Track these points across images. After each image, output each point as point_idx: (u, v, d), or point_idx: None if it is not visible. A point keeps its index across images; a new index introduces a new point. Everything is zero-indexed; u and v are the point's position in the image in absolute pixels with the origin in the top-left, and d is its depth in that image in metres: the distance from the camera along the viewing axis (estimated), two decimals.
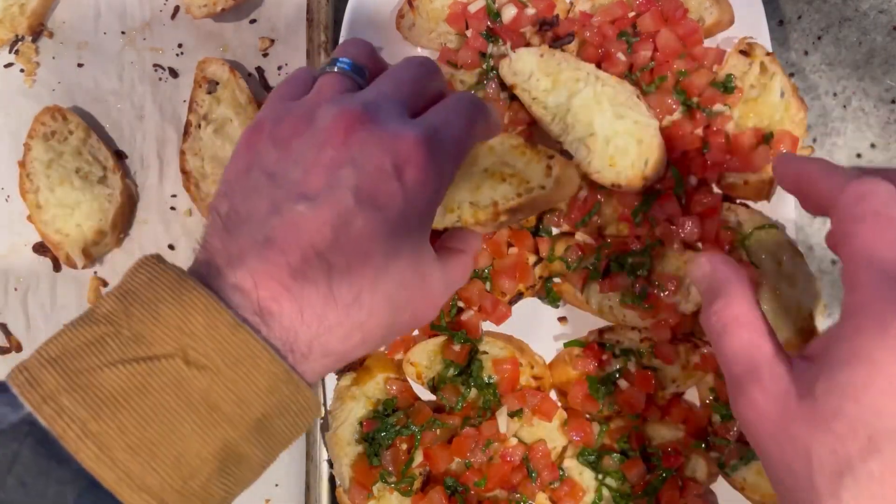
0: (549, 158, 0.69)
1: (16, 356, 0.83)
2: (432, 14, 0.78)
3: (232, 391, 0.41)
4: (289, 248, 0.43)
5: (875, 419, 0.40)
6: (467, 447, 0.72)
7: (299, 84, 0.53)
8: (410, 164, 0.46)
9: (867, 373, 0.40)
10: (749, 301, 0.49)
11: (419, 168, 0.47)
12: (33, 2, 0.85)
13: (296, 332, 0.43)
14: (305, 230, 0.44)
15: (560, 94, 0.74)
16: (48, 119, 0.83)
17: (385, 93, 0.50)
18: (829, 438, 0.41)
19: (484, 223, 0.69)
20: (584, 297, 0.75)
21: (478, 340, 0.75)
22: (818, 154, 0.82)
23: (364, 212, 0.45)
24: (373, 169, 0.45)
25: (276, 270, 0.43)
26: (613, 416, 0.75)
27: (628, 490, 0.73)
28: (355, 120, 0.47)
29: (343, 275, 0.44)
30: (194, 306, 0.41)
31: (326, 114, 0.47)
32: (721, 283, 0.50)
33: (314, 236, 0.44)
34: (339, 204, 0.44)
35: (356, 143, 0.46)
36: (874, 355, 0.40)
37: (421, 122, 0.49)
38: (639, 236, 0.74)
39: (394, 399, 0.75)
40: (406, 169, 0.46)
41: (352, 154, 0.46)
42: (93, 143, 0.83)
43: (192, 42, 0.87)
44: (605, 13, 0.76)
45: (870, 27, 0.83)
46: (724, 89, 0.74)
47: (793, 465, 0.42)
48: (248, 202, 0.46)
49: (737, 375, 0.47)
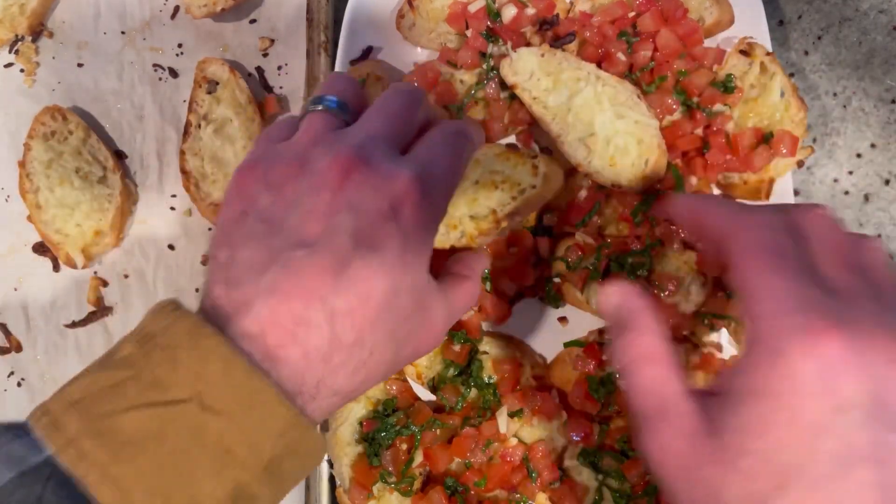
0: (533, 158, 0.71)
1: (15, 356, 0.83)
2: (432, 14, 0.78)
3: (245, 435, 0.42)
4: (292, 296, 0.44)
5: (781, 454, 0.39)
6: (467, 447, 0.72)
7: (286, 127, 0.54)
8: (406, 204, 0.47)
9: (769, 407, 0.40)
10: (658, 335, 0.49)
11: (414, 206, 0.48)
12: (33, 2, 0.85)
13: (303, 375, 0.44)
14: (307, 277, 0.44)
15: (560, 93, 0.74)
16: (48, 119, 0.83)
17: (375, 131, 0.51)
18: (738, 478, 0.40)
19: (487, 232, 0.70)
20: (584, 297, 0.75)
21: (478, 340, 0.75)
22: (819, 154, 0.82)
23: (362, 255, 0.45)
24: (369, 212, 0.46)
25: (281, 317, 0.44)
26: (613, 416, 0.75)
27: (628, 490, 0.73)
28: (349, 164, 0.47)
29: (345, 317, 0.45)
30: (211, 353, 0.42)
31: (320, 158, 0.48)
32: (630, 315, 0.50)
33: (315, 282, 0.44)
34: (339, 250, 0.45)
35: (352, 187, 0.47)
36: (774, 388, 0.40)
37: (412, 159, 0.50)
38: (639, 236, 0.74)
39: (394, 399, 0.75)
40: (402, 209, 0.47)
41: (348, 198, 0.47)
42: (92, 143, 0.83)
43: (192, 42, 0.87)
44: (605, 13, 0.76)
45: (870, 27, 0.83)
46: (724, 89, 0.74)
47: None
48: (247, 250, 0.46)
49: (645, 412, 0.47)
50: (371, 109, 0.53)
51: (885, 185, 0.82)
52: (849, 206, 0.82)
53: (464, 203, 0.72)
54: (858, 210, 0.82)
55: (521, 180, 0.71)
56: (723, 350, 0.76)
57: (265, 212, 0.48)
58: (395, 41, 0.81)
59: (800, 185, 0.82)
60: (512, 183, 0.71)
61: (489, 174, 0.72)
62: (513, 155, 0.72)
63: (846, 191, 0.82)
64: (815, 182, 0.82)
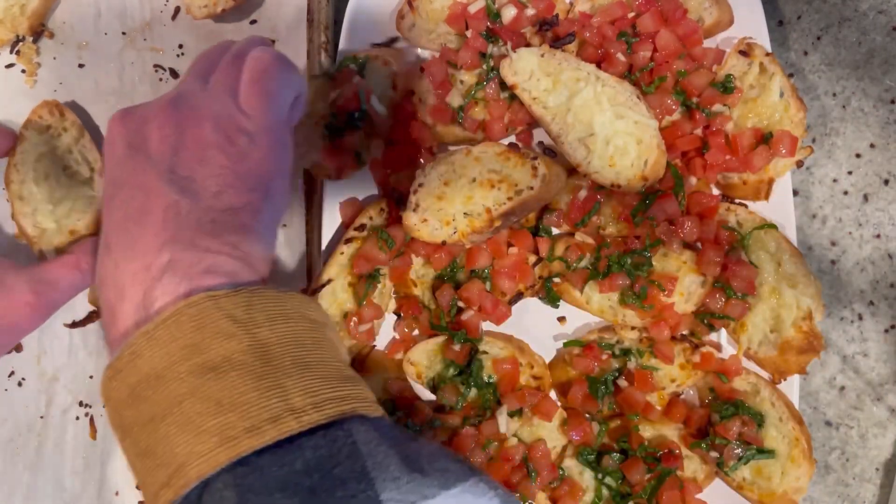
0: (533, 159, 0.71)
1: (16, 356, 0.83)
2: (432, 14, 0.79)
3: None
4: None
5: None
6: (467, 447, 0.72)
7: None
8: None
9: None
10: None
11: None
12: (34, 2, 0.85)
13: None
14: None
15: (560, 94, 0.74)
16: (45, 113, 0.82)
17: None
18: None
19: (480, 230, 0.70)
20: (584, 297, 0.75)
21: (478, 340, 0.75)
22: (818, 154, 0.83)
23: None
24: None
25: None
26: (613, 416, 0.76)
27: (628, 490, 0.73)
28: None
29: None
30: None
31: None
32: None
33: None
34: None
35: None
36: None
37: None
38: (638, 236, 0.74)
39: (394, 399, 0.76)
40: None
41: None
42: (85, 143, 0.83)
43: (193, 43, 0.87)
44: (605, 13, 0.76)
45: (869, 27, 0.83)
46: (724, 89, 0.75)
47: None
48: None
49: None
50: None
51: (884, 184, 0.82)
52: (848, 206, 0.82)
53: (459, 200, 0.72)
54: (857, 210, 0.82)
55: (519, 181, 0.71)
56: (722, 350, 0.76)
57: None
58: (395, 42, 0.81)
59: (799, 185, 0.82)
60: (510, 183, 0.71)
61: (487, 172, 0.72)
62: (513, 155, 0.72)
63: (845, 191, 0.82)
64: (814, 182, 0.82)
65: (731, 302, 0.73)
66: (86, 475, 0.81)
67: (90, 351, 0.83)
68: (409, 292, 0.77)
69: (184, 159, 0.57)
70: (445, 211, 0.72)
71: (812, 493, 0.80)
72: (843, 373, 0.81)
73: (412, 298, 0.77)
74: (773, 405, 0.72)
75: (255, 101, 0.60)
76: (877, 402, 0.80)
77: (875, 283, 0.81)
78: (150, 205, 0.55)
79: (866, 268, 0.81)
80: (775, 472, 0.71)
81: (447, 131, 0.78)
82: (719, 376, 0.73)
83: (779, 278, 0.73)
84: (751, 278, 0.72)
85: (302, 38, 0.84)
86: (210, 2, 0.83)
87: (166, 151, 0.57)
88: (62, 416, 0.82)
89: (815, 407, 0.81)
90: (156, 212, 0.55)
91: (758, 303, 0.73)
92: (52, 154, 0.82)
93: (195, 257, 0.54)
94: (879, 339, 0.81)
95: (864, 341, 0.81)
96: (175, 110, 0.59)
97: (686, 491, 0.72)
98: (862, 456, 0.80)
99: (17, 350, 0.83)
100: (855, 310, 0.81)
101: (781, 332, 0.72)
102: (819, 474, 0.80)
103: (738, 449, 0.71)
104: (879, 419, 0.80)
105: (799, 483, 0.71)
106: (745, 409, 0.72)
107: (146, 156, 0.57)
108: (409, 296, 0.77)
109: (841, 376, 0.81)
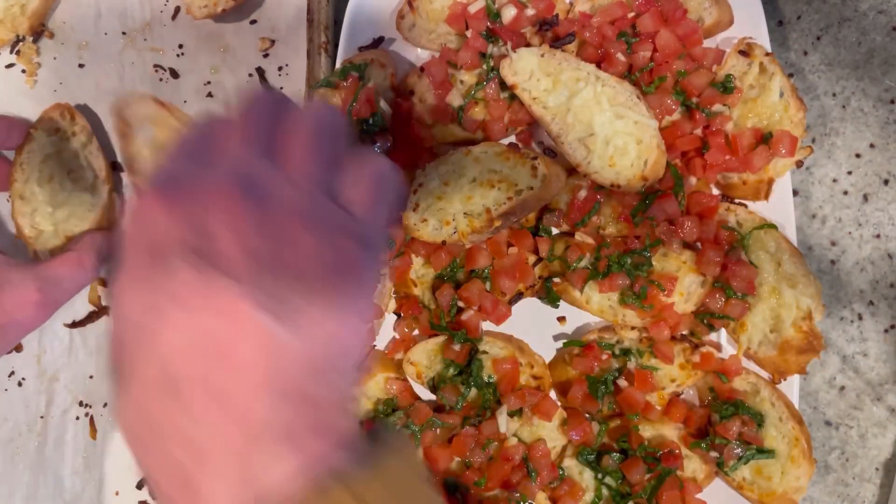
0: (533, 159, 0.71)
1: (16, 356, 0.83)
2: (432, 14, 0.79)
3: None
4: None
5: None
6: (467, 447, 0.72)
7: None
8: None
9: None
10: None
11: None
12: (34, 2, 0.85)
13: None
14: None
15: (560, 94, 0.74)
16: (56, 115, 0.82)
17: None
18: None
19: (479, 230, 0.71)
20: (584, 297, 0.75)
21: (478, 340, 0.75)
22: (818, 154, 0.83)
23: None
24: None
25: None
26: (613, 416, 0.76)
27: (628, 490, 0.73)
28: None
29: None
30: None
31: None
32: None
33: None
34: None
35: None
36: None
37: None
38: (638, 236, 0.74)
39: (394, 399, 0.76)
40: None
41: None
42: (92, 149, 0.83)
43: (193, 43, 0.87)
44: (605, 13, 0.76)
45: (869, 27, 0.83)
46: (724, 89, 0.75)
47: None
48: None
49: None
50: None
51: (884, 184, 0.82)
52: (848, 206, 0.82)
53: (459, 200, 0.72)
54: (857, 210, 0.82)
55: (519, 181, 0.71)
56: (722, 350, 0.76)
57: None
58: (395, 41, 0.81)
59: (799, 185, 0.82)
60: (509, 183, 0.72)
61: (487, 172, 0.72)
62: (513, 155, 0.73)
63: (845, 191, 0.82)
64: (814, 182, 0.82)
65: (731, 302, 0.73)
66: (86, 475, 0.81)
67: (90, 351, 0.83)
68: (409, 292, 0.77)
69: (278, 274, 0.39)
70: (445, 211, 0.72)
71: (812, 492, 0.80)
72: (843, 373, 0.81)
73: (412, 298, 0.77)
74: (772, 405, 0.72)
75: (374, 211, 0.45)
76: (877, 402, 0.80)
77: (875, 283, 0.81)
78: (235, 338, 0.38)
79: (866, 268, 0.81)
80: (775, 472, 0.71)
81: (447, 131, 0.78)
82: (719, 376, 0.73)
83: (779, 278, 0.73)
84: (750, 278, 0.72)
85: (302, 38, 0.84)
86: (210, 2, 0.83)
87: (251, 264, 0.39)
88: (62, 416, 0.82)
89: (815, 407, 0.81)
90: (246, 348, 0.38)
91: (757, 303, 0.73)
92: (58, 157, 0.82)
93: (303, 412, 0.39)
94: (879, 339, 0.81)
95: (863, 341, 0.81)
96: (251, 201, 0.40)
97: (686, 491, 0.72)
98: (862, 456, 0.80)
99: (17, 350, 0.83)
100: (855, 310, 0.81)
101: (781, 332, 0.72)
102: (819, 474, 0.80)
103: (738, 449, 0.71)
104: (879, 419, 0.80)
105: (799, 483, 0.71)
106: (744, 408, 0.72)
107: (218, 268, 0.38)
108: (409, 296, 0.77)
109: (841, 376, 0.81)
